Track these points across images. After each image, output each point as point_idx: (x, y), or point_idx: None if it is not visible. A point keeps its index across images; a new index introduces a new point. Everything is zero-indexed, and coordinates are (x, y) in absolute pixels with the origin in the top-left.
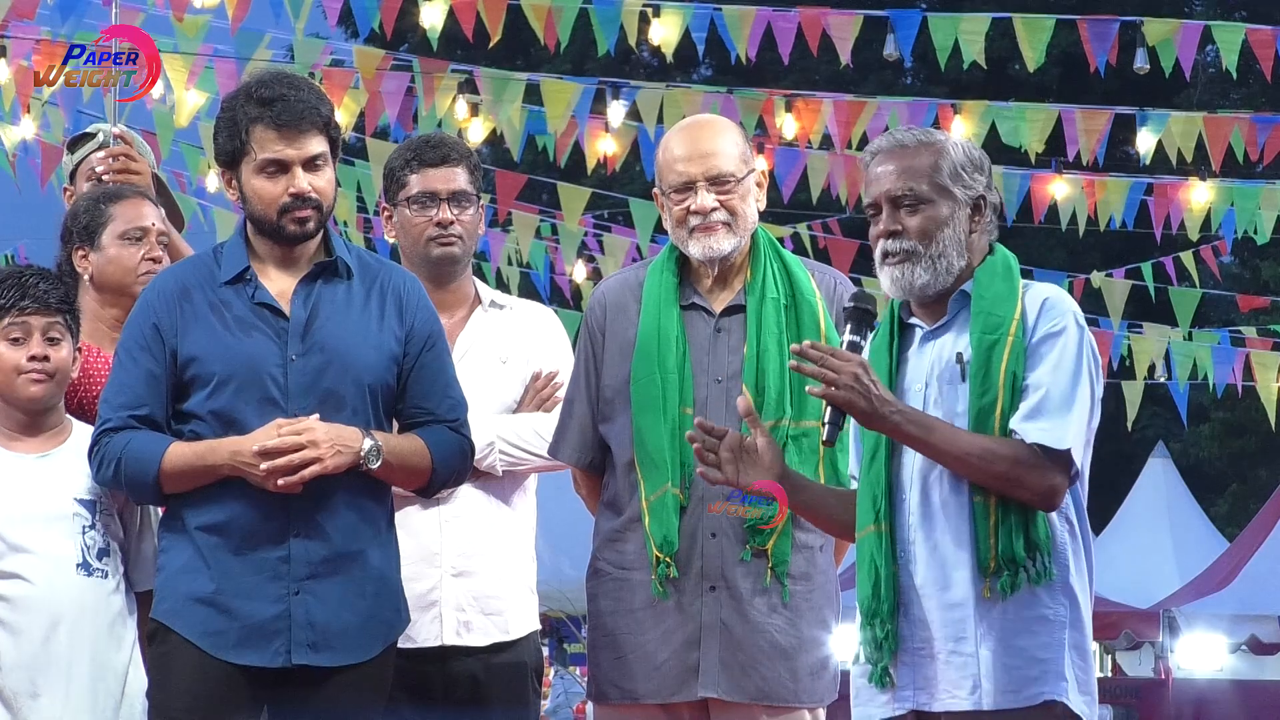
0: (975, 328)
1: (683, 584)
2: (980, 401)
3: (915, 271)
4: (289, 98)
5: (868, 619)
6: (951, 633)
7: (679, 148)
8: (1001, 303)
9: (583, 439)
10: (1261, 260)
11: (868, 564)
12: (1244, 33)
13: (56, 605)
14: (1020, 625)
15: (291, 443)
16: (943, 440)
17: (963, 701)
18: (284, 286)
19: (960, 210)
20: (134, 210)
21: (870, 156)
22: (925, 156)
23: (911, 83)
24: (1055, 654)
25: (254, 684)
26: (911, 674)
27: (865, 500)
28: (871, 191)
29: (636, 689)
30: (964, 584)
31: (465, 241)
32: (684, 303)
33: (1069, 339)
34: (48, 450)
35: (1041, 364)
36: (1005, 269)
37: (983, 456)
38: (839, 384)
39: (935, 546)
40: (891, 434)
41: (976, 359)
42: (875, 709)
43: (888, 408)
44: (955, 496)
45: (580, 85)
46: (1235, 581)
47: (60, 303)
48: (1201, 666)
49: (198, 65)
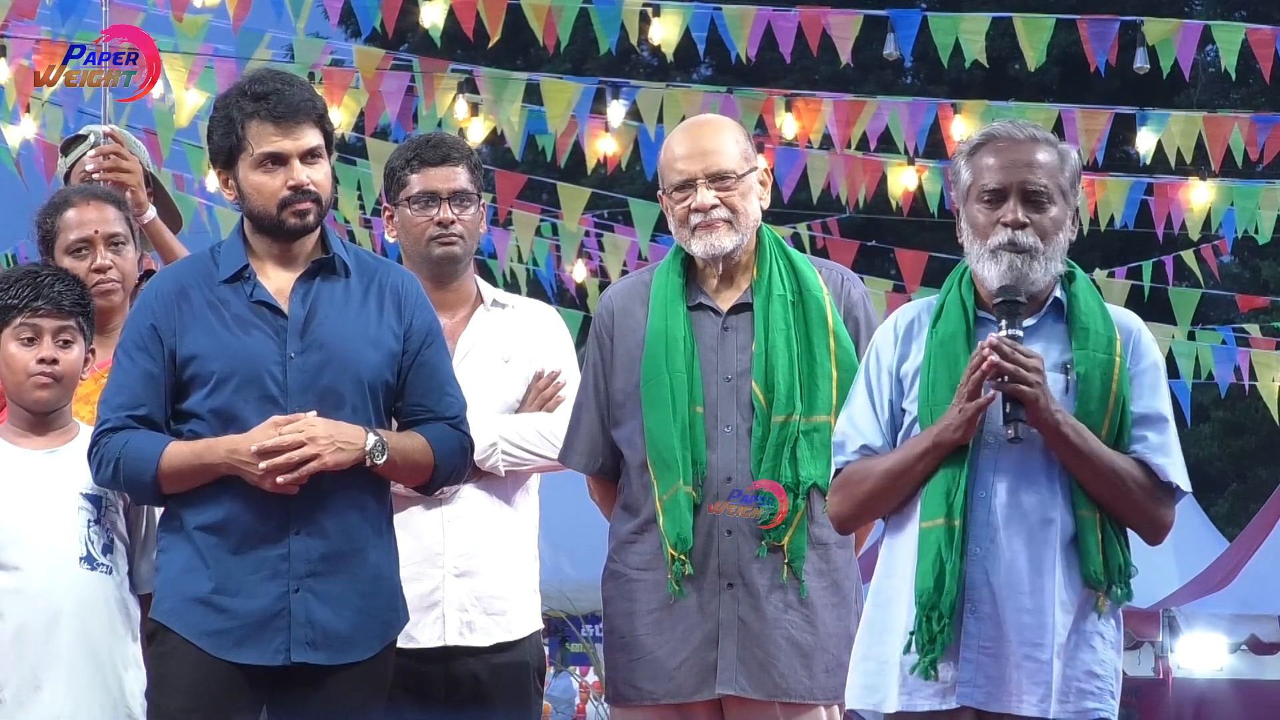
0: (1083, 342)
1: (700, 582)
2: (1084, 418)
3: (1033, 268)
4: (283, 91)
5: (924, 611)
6: (1029, 637)
7: (679, 147)
8: (1102, 321)
9: (592, 445)
10: (1261, 260)
11: (933, 557)
12: (1244, 33)
13: (58, 598)
14: (1083, 640)
15: (290, 441)
16: (1096, 450)
17: (1032, 707)
18: (282, 284)
19: (1069, 217)
20: (78, 218)
21: (987, 139)
22: (1055, 156)
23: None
24: (1109, 672)
25: (253, 683)
26: (974, 671)
27: (938, 493)
28: (997, 177)
29: (655, 689)
30: (1049, 591)
31: (466, 241)
32: (691, 303)
33: (1164, 373)
34: (56, 446)
35: (1152, 396)
36: (1091, 287)
37: (1126, 477)
38: (1027, 380)
39: (1020, 550)
40: (1051, 432)
41: (1085, 373)
42: (923, 699)
43: (1054, 405)
44: (1048, 505)
45: (580, 85)
46: (1235, 581)
47: (74, 305)
48: (1201, 666)
49: (198, 65)
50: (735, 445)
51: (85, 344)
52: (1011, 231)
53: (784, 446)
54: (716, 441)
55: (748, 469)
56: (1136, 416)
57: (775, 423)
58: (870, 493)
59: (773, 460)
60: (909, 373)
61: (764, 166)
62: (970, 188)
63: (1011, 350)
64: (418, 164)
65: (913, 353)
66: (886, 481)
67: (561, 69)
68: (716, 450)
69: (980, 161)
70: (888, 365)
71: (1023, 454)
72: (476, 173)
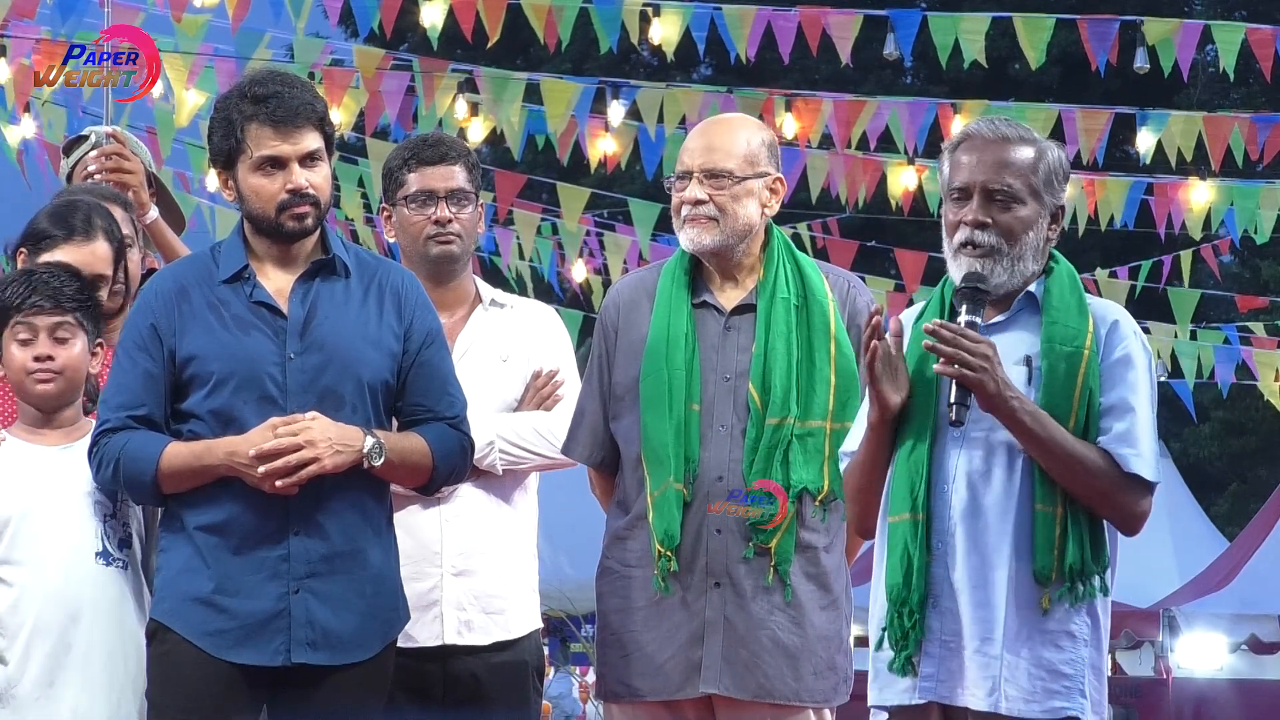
0: (1049, 335)
1: (687, 580)
2: (1050, 410)
3: (994, 269)
4: (283, 94)
5: (895, 607)
6: (979, 631)
7: (692, 139)
8: (1074, 315)
9: (594, 437)
10: (1261, 260)
11: (900, 551)
12: (1244, 32)
13: (75, 594)
14: (1047, 638)
15: (289, 444)
16: (1056, 437)
17: (980, 701)
18: (282, 285)
19: (1044, 216)
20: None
21: (964, 138)
22: (1026, 154)
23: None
24: (1078, 671)
25: (253, 683)
26: (936, 665)
27: (902, 486)
28: (964, 175)
29: (641, 686)
30: (1000, 585)
31: (464, 240)
32: (695, 301)
33: (1143, 364)
34: (69, 443)
35: (1122, 387)
36: (1073, 281)
37: (1090, 466)
38: (972, 365)
39: (976, 543)
40: (1006, 419)
41: (1049, 366)
42: (894, 694)
43: (1009, 391)
44: (1005, 498)
45: (580, 85)
46: (1235, 581)
47: (71, 300)
48: (1201, 666)
49: (198, 65)
50: (728, 445)
51: (89, 338)
52: (970, 230)
53: (776, 449)
54: (710, 440)
55: (739, 469)
56: (1104, 407)
57: (769, 425)
58: (855, 488)
59: (765, 461)
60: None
61: (776, 175)
62: (946, 186)
63: (954, 334)
64: (415, 163)
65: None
66: (857, 474)
67: (561, 69)
68: (710, 449)
69: (955, 159)
70: None
71: (988, 446)
72: (474, 172)
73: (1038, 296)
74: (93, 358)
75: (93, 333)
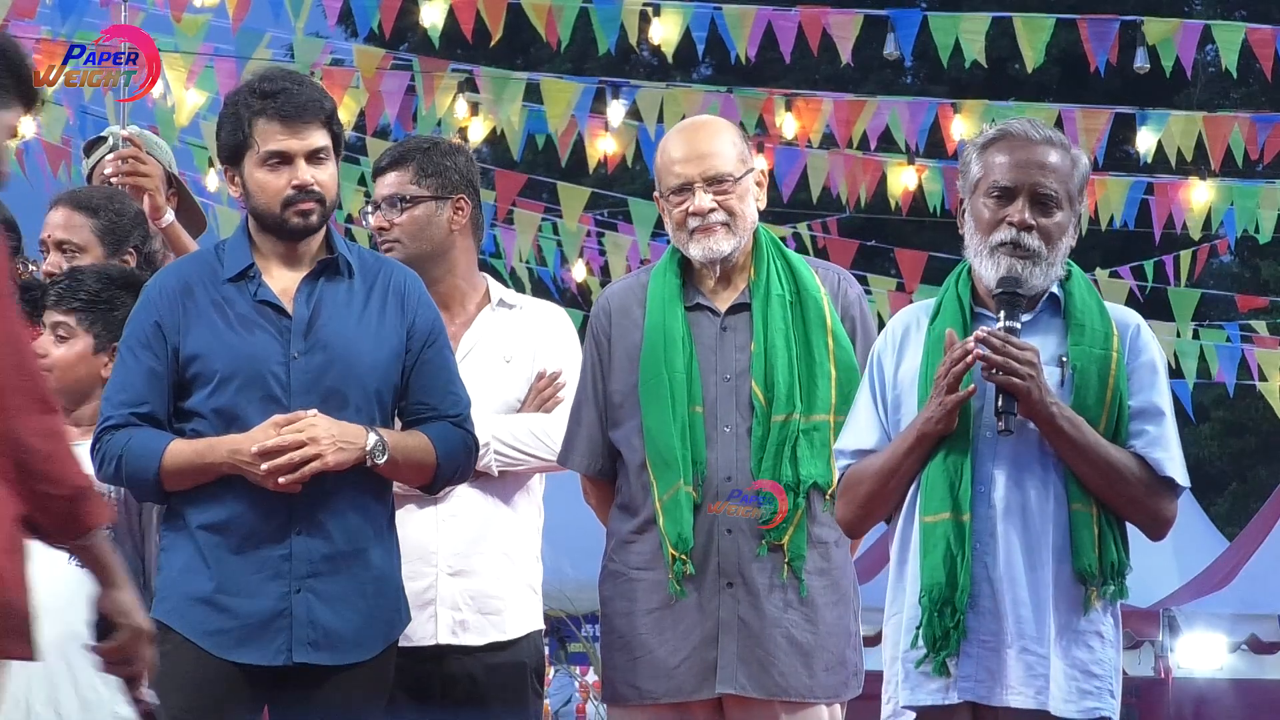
0: (1079, 338)
1: (700, 581)
2: (1081, 413)
3: (1033, 272)
4: (292, 90)
5: (936, 606)
6: (1026, 630)
7: (676, 150)
8: (1100, 318)
9: (591, 446)
10: (1261, 260)
11: (942, 551)
12: (1244, 32)
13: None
14: (1080, 638)
15: (291, 441)
16: (1093, 443)
17: (1029, 700)
18: (287, 284)
19: (1073, 223)
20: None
21: (1001, 136)
22: (1067, 160)
23: (911, 82)
24: (1107, 671)
25: (254, 683)
26: (974, 665)
27: (940, 486)
28: (1009, 175)
29: (655, 689)
30: (1044, 585)
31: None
32: (688, 303)
33: (1163, 369)
34: None
35: (1150, 391)
36: (1088, 284)
37: (1125, 472)
38: (1020, 373)
39: (1018, 543)
40: (1045, 424)
41: (1081, 369)
42: (926, 695)
43: (1049, 397)
44: (1043, 498)
45: (580, 85)
46: (1235, 581)
47: (76, 299)
48: (1201, 666)
49: (198, 65)
50: (735, 445)
51: (94, 339)
52: (1017, 232)
53: (784, 446)
54: (716, 441)
55: (748, 468)
56: (1134, 411)
57: (775, 422)
58: (868, 494)
59: (773, 460)
60: (905, 377)
61: (761, 167)
62: (979, 182)
63: (1003, 343)
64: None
65: (907, 357)
66: (880, 480)
67: (561, 69)
68: (716, 450)
69: (992, 158)
70: (889, 371)
71: (1020, 447)
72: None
73: (1059, 297)
74: (105, 364)
75: (104, 337)
